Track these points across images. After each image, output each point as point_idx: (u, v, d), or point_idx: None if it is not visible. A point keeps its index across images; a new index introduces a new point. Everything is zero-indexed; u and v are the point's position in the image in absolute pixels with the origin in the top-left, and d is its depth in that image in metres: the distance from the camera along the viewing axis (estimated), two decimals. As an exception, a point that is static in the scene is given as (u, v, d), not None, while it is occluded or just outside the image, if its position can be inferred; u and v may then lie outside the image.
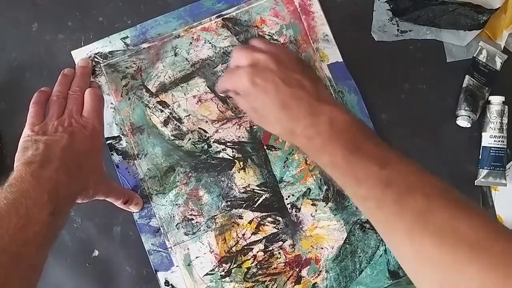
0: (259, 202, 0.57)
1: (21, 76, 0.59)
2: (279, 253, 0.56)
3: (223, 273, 0.56)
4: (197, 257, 0.56)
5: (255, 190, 0.57)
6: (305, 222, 0.56)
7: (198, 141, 0.57)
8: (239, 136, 0.57)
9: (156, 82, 0.58)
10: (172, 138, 0.58)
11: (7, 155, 0.58)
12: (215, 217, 0.57)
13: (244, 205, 0.57)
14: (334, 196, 0.57)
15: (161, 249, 0.56)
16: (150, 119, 0.58)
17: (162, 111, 0.58)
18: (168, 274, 0.56)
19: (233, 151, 0.57)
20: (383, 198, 0.36)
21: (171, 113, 0.58)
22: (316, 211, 0.56)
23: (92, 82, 0.57)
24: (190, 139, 0.57)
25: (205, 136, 0.57)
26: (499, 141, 0.56)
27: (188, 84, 0.58)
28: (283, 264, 0.56)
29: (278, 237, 0.56)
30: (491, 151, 0.56)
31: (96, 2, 0.60)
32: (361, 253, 0.56)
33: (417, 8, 0.57)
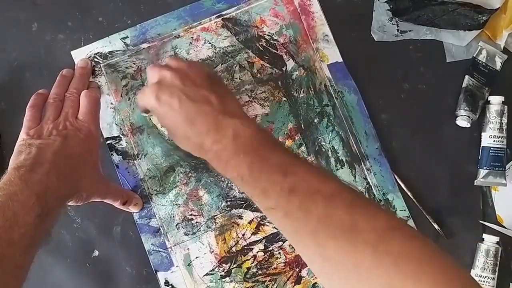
0: (259, 202, 0.57)
1: (21, 76, 0.59)
2: (279, 253, 0.56)
3: (223, 273, 0.56)
4: (197, 257, 0.56)
5: (255, 190, 0.57)
6: (305, 222, 0.56)
7: (198, 141, 0.57)
8: (239, 136, 0.57)
9: (156, 82, 0.58)
10: (172, 138, 0.58)
11: (7, 155, 0.57)
12: (215, 217, 0.57)
13: (244, 205, 0.57)
14: (334, 196, 0.57)
15: (161, 249, 0.56)
16: (150, 119, 0.58)
17: (162, 111, 0.58)
18: (168, 274, 0.56)
19: (233, 151, 0.57)
20: (288, 206, 0.36)
21: (171, 113, 0.58)
22: (316, 211, 0.56)
23: (91, 82, 0.57)
24: (190, 139, 0.57)
25: (205, 136, 0.57)
26: (498, 141, 0.56)
27: (188, 84, 0.58)
28: (283, 264, 0.56)
29: (278, 237, 0.56)
30: (491, 151, 0.56)
31: (96, 2, 0.60)
32: (361, 253, 0.56)
33: (417, 8, 0.57)
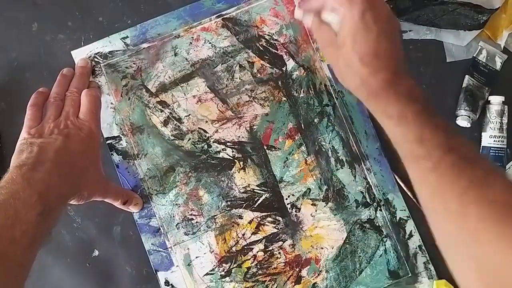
0: (259, 202, 0.57)
1: (21, 76, 0.59)
2: (279, 253, 0.56)
3: (223, 273, 0.56)
4: (197, 257, 0.56)
5: (255, 190, 0.57)
6: (305, 222, 0.56)
7: (198, 141, 0.57)
8: (239, 136, 0.57)
9: (156, 82, 0.58)
10: (172, 138, 0.58)
11: (7, 155, 0.58)
12: (215, 217, 0.57)
13: (244, 205, 0.57)
14: (334, 196, 0.57)
15: (161, 249, 0.56)
16: (150, 119, 0.58)
17: (162, 111, 0.58)
18: (168, 274, 0.56)
19: (233, 151, 0.57)
20: (441, 160, 0.35)
21: (171, 113, 0.58)
22: (316, 211, 0.56)
23: (91, 82, 0.57)
24: (190, 139, 0.57)
25: (205, 136, 0.57)
26: (499, 141, 0.56)
27: (188, 84, 0.58)
28: (283, 264, 0.56)
29: (278, 237, 0.56)
30: (491, 151, 0.56)
31: (96, 2, 0.60)
32: (361, 253, 0.56)
33: (417, 8, 0.57)
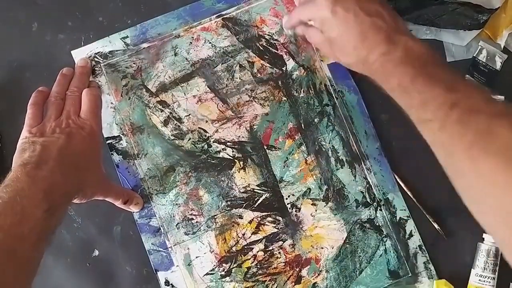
0: (259, 202, 0.57)
1: (21, 76, 0.59)
2: (279, 253, 0.56)
3: (223, 272, 0.56)
4: (197, 257, 0.56)
5: (255, 190, 0.57)
6: (305, 222, 0.56)
7: (198, 140, 0.57)
8: (239, 136, 0.58)
9: (156, 82, 0.58)
10: (172, 138, 0.58)
11: (7, 155, 0.58)
12: (215, 217, 0.57)
13: (244, 205, 0.57)
14: (334, 196, 0.57)
15: (161, 249, 0.56)
16: (150, 119, 0.58)
17: (162, 111, 0.58)
18: (168, 274, 0.56)
19: (233, 151, 0.57)
20: (446, 118, 0.36)
21: (171, 113, 0.58)
22: (316, 211, 0.56)
23: (91, 81, 0.57)
24: (190, 138, 0.58)
25: (205, 136, 0.58)
26: (499, 141, 0.56)
27: (188, 84, 0.58)
28: (283, 264, 0.56)
29: (278, 237, 0.56)
30: (491, 151, 0.56)
31: (96, 2, 0.60)
32: (361, 253, 0.56)
33: (417, 8, 0.57)
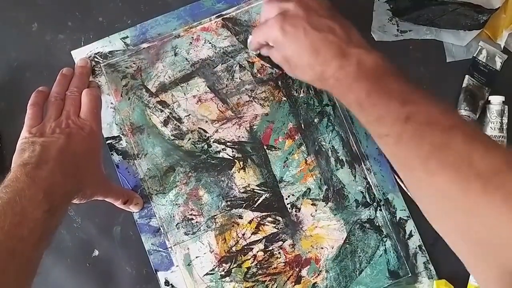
0: (259, 202, 0.57)
1: (21, 76, 0.59)
2: (279, 253, 0.56)
3: (223, 273, 0.56)
4: (197, 257, 0.56)
5: (255, 190, 0.57)
6: (305, 222, 0.56)
7: (198, 141, 0.57)
8: (239, 136, 0.58)
9: (156, 82, 0.58)
10: (172, 138, 0.58)
11: (7, 155, 0.58)
12: (215, 217, 0.57)
13: (244, 205, 0.57)
14: (334, 196, 0.57)
15: (161, 249, 0.56)
16: (150, 119, 0.58)
17: (162, 111, 0.58)
18: (168, 274, 0.56)
19: (233, 151, 0.57)
20: (401, 133, 0.37)
21: (171, 113, 0.58)
22: (316, 211, 0.56)
23: (91, 81, 0.57)
24: (190, 139, 0.58)
25: (205, 136, 0.58)
26: (499, 141, 0.56)
27: (188, 84, 0.58)
28: (283, 264, 0.56)
29: (278, 237, 0.56)
30: (491, 151, 0.56)
31: (96, 2, 0.60)
32: (361, 253, 0.56)
33: (417, 8, 0.57)
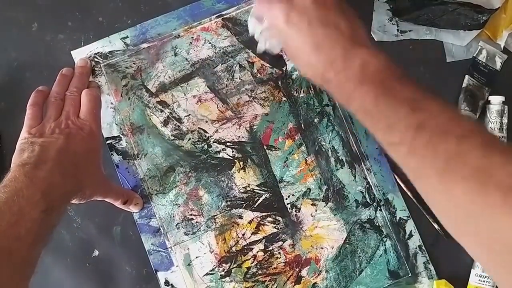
0: (259, 202, 0.57)
1: (21, 76, 0.59)
2: (279, 253, 0.56)
3: (223, 273, 0.56)
4: (197, 257, 0.56)
5: (255, 190, 0.57)
6: (305, 222, 0.56)
7: (198, 141, 0.57)
8: (239, 136, 0.58)
9: (156, 82, 0.58)
10: (172, 138, 0.58)
11: (6, 155, 0.58)
12: (215, 217, 0.57)
13: (244, 205, 0.57)
14: (334, 196, 0.57)
15: (161, 249, 0.56)
16: (150, 119, 0.58)
17: (162, 111, 0.58)
18: (168, 274, 0.56)
19: (233, 151, 0.57)
20: (414, 142, 0.35)
21: (171, 113, 0.58)
22: (316, 211, 0.56)
23: (91, 81, 0.57)
24: (190, 139, 0.58)
25: (205, 136, 0.58)
26: (499, 141, 0.56)
27: (188, 84, 0.58)
28: (283, 264, 0.56)
29: (278, 237, 0.56)
30: (491, 151, 0.56)
31: (96, 2, 0.60)
32: (361, 253, 0.56)
33: (417, 8, 0.57)
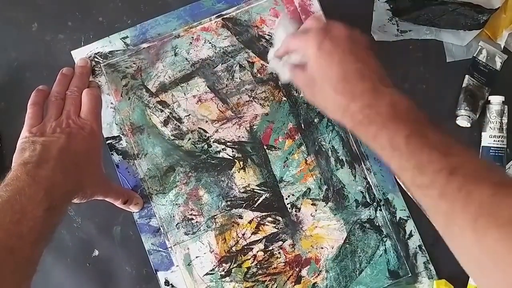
0: (259, 202, 0.57)
1: (21, 76, 0.59)
2: (279, 253, 0.56)
3: (223, 272, 0.56)
4: (197, 257, 0.56)
5: (255, 190, 0.57)
6: (305, 222, 0.56)
7: (198, 141, 0.57)
8: (239, 136, 0.58)
9: (156, 82, 0.58)
10: (172, 138, 0.58)
11: (7, 155, 0.58)
12: (215, 217, 0.57)
13: (244, 205, 0.57)
14: (334, 196, 0.57)
15: (161, 249, 0.56)
16: (150, 119, 0.58)
17: (162, 111, 0.58)
18: (168, 274, 0.56)
19: (233, 151, 0.57)
20: (446, 185, 0.34)
21: (171, 113, 0.58)
22: (316, 211, 0.56)
23: (91, 81, 0.57)
24: (190, 139, 0.58)
25: (205, 136, 0.58)
26: (498, 141, 0.56)
27: (188, 84, 0.58)
28: (283, 264, 0.56)
29: (278, 237, 0.56)
30: (491, 151, 0.56)
31: (96, 2, 0.60)
32: (361, 253, 0.56)
33: (417, 8, 0.57)
